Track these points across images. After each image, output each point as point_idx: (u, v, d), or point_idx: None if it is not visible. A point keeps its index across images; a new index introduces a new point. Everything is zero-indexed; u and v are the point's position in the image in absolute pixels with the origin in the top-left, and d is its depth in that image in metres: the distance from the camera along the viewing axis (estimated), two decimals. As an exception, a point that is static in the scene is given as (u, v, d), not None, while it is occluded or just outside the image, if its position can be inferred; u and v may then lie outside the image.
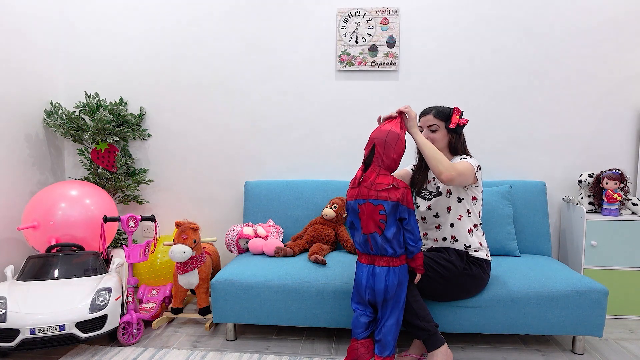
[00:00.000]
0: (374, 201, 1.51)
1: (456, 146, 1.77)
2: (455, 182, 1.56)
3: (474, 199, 1.71)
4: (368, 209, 1.52)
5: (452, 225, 1.72)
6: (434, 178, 1.82)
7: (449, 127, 1.73)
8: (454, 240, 1.73)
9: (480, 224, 1.76)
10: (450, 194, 1.72)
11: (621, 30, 2.35)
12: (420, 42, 2.46)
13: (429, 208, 1.77)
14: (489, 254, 1.75)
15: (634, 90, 2.38)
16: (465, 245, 1.71)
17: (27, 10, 2.38)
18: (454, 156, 1.78)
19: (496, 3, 2.40)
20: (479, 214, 1.75)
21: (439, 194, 1.75)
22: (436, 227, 1.78)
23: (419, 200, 1.85)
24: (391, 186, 1.50)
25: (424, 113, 1.79)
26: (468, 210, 1.71)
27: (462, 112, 1.74)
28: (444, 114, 1.75)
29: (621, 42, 2.36)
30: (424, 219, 1.82)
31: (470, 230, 1.71)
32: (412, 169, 1.97)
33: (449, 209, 1.73)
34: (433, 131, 1.76)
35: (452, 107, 1.77)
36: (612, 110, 2.40)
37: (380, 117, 1.68)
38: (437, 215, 1.77)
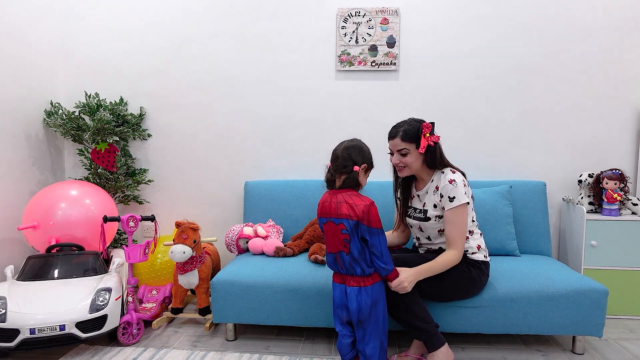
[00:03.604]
0: (335, 220, 1.44)
1: (433, 162, 1.66)
2: (465, 241, 1.61)
3: None
4: (331, 228, 1.46)
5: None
6: (418, 195, 1.76)
7: (419, 151, 1.62)
8: None
9: (477, 225, 1.74)
10: (440, 217, 1.66)
11: (621, 30, 2.35)
12: (420, 42, 2.46)
13: (421, 229, 1.74)
14: (487, 255, 1.74)
15: (634, 90, 2.38)
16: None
17: (27, 10, 2.37)
18: (433, 170, 1.70)
19: (496, 3, 2.40)
20: (473, 218, 1.71)
21: (427, 219, 1.69)
22: (428, 239, 1.76)
23: (409, 220, 1.79)
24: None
25: (391, 136, 1.67)
26: None
27: (433, 124, 1.62)
28: (412, 135, 1.62)
29: (621, 42, 2.36)
30: (417, 238, 1.80)
31: (466, 238, 1.69)
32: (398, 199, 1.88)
33: (440, 231, 1.69)
34: (404, 155, 1.65)
35: (420, 122, 1.64)
36: (612, 110, 2.40)
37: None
38: (429, 238, 1.74)
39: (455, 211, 1.59)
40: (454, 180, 1.61)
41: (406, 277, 1.49)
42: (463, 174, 1.68)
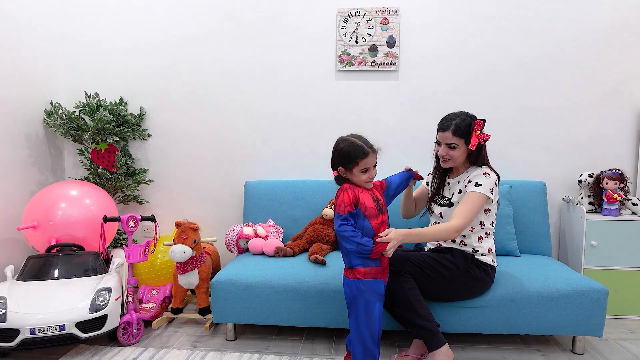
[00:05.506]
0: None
1: (477, 159, 1.70)
2: (467, 226, 1.59)
3: (487, 210, 1.69)
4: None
5: (463, 235, 1.72)
6: (449, 184, 1.79)
7: (470, 148, 1.63)
8: (463, 244, 1.72)
9: (493, 231, 1.75)
10: None
11: (621, 30, 2.35)
12: (420, 42, 2.46)
13: (441, 216, 1.74)
14: (495, 261, 1.75)
15: (634, 90, 2.38)
16: (473, 248, 1.71)
17: (27, 10, 2.37)
18: (472, 166, 1.73)
19: (496, 3, 2.40)
20: (492, 222, 1.73)
21: (450, 204, 1.71)
22: None
23: (433, 205, 1.80)
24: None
25: (442, 128, 1.67)
26: (481, 222, 1.70)
27: (484, 122, 1.63)
28: (463, 131, 1.63)
29: (621, 42, 2.36)
30: (435, 224, 1.81)
31: (480, 238, 1.71)
32: (426, 182, 1.93)
33: None
34: (452, 148, 1.67)
35: (472, 118, 1.66)
36: (612, 110, 2.40)
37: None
38: None
39: (473, 195, 1.61)
40: (488, 174, 1.66)
41: (395, 236, 1.43)
42: (498, 177, 1.69)
